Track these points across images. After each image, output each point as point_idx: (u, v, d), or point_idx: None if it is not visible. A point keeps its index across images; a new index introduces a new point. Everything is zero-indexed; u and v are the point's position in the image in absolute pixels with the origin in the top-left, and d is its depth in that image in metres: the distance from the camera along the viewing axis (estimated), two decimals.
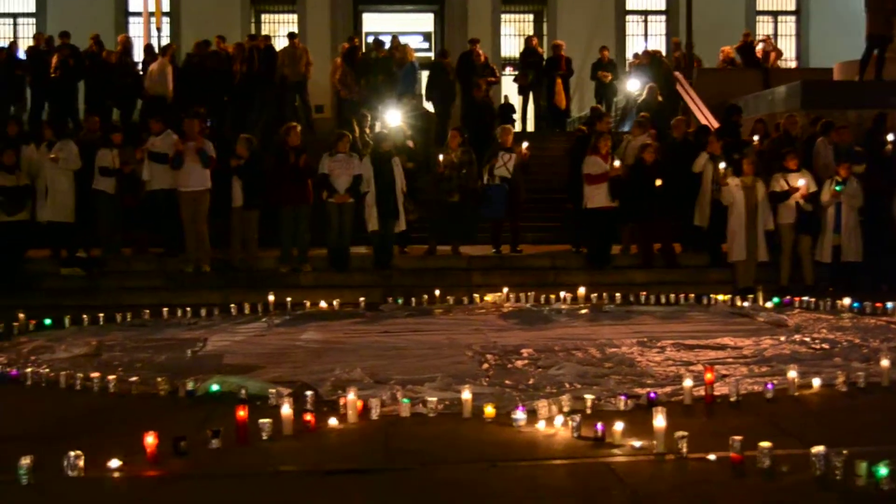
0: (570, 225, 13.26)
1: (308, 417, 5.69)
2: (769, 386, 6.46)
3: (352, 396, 5.94)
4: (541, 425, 5.63)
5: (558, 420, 5.64)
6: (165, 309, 10.37)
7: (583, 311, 10.48)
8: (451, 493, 4.66)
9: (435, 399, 6.08)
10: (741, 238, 11.58)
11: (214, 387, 6.65)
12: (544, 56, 19.07)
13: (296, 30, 20.02)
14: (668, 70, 17.82)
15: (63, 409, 6.40)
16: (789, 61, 22.56)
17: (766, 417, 5.94)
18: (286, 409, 5.63)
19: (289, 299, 10.95)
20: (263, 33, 19.95)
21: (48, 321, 9.75)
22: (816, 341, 8.44)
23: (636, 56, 19.38)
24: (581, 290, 11.13)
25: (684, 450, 5.02)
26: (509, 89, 20.01)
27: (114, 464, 4.89)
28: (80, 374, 7.05)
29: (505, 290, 11.29)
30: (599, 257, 12.42)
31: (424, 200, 12.95)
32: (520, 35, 22.58)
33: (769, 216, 11.68)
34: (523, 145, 13.02)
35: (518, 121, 18.26)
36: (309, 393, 6.26)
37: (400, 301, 11.11)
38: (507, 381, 6.89)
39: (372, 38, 18.60)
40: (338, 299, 11.01)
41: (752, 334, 8.87)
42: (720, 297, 11.03)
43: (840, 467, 4.61)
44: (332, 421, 5.76)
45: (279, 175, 11.92)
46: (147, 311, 10.28)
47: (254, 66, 16.40)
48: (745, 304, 10.76)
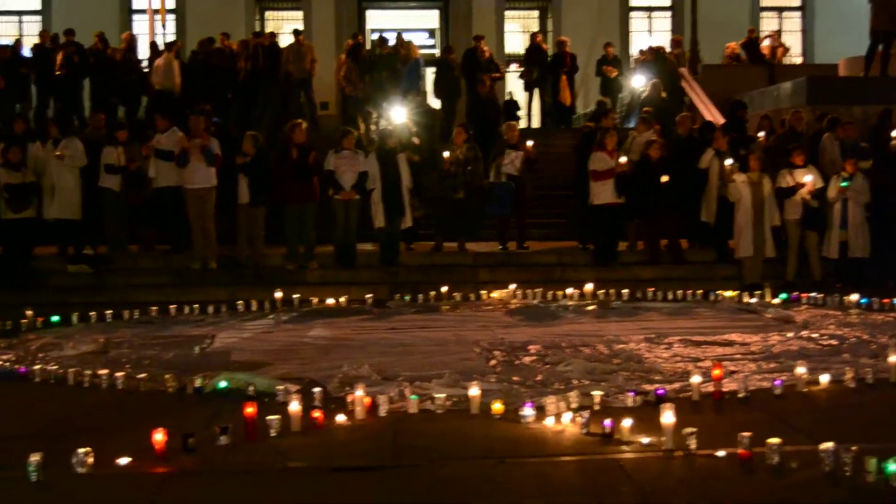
0: (576, 221, 13.25)
1: (316, 414, 5.69)
2: (777, 382, 6.44)
3: (360, 393, 5.94)
4: (549, 422, 5.62)
5: (566, 416, 5.62)
6: (173, 306, 10.40)
7: (590, 308, 10.47)
8: (459, 489, 4.66)
9: (443, 395, 6.07)
10: (748, 234, 11.56)
11: (222, 383, 6.66)
12: (549, 53, 19.05)
13: (300, 27, 20.00)
14: (672, 66, 17.78)
15: (71, 407, 6.41)
16: (795, 57, 22.51)
17: (775, 414, 5.92)
18: (294, 406, 5.64)
19: (296, 296, 10.93)
20: (268, 30, 19.91)
21: (56, 318, 9.77)
22: (824, 337, 8.41)
23: (641, 52, 19.35)
24: (588, 287, 11.10)
25: (693, 446, 5.01)
26: (514, 86, 20.00)
27: (122, 461, 4.90)
28: (88, 372, 7.06)
29: (512, 286, 11.28)
30: (606, 254, 12.39)
31: (430, 197, 12.95)
32: (524, 31, 22.57)
33: (776, 212, 11.66)
34: (528, 143, 13.00)
35: (524, 118, 18.23)
36: (317, 389, 6.26)
37: (407, 298, 11.10)
38: (514, 378, 6.88)
39: (376, 35, 18.60)
40: (345, 296, 11.02)
41: (759, 330, 8.84)
42: (727, 294, 11.01)
43: (849, 463, 4.60)
44: (340, 417, 5.75)
45: (283, 172, 11.92)
46: (154, 308, 10.30)
47: (258, 64, 16.40)
48: (753, 300, 10.73)
